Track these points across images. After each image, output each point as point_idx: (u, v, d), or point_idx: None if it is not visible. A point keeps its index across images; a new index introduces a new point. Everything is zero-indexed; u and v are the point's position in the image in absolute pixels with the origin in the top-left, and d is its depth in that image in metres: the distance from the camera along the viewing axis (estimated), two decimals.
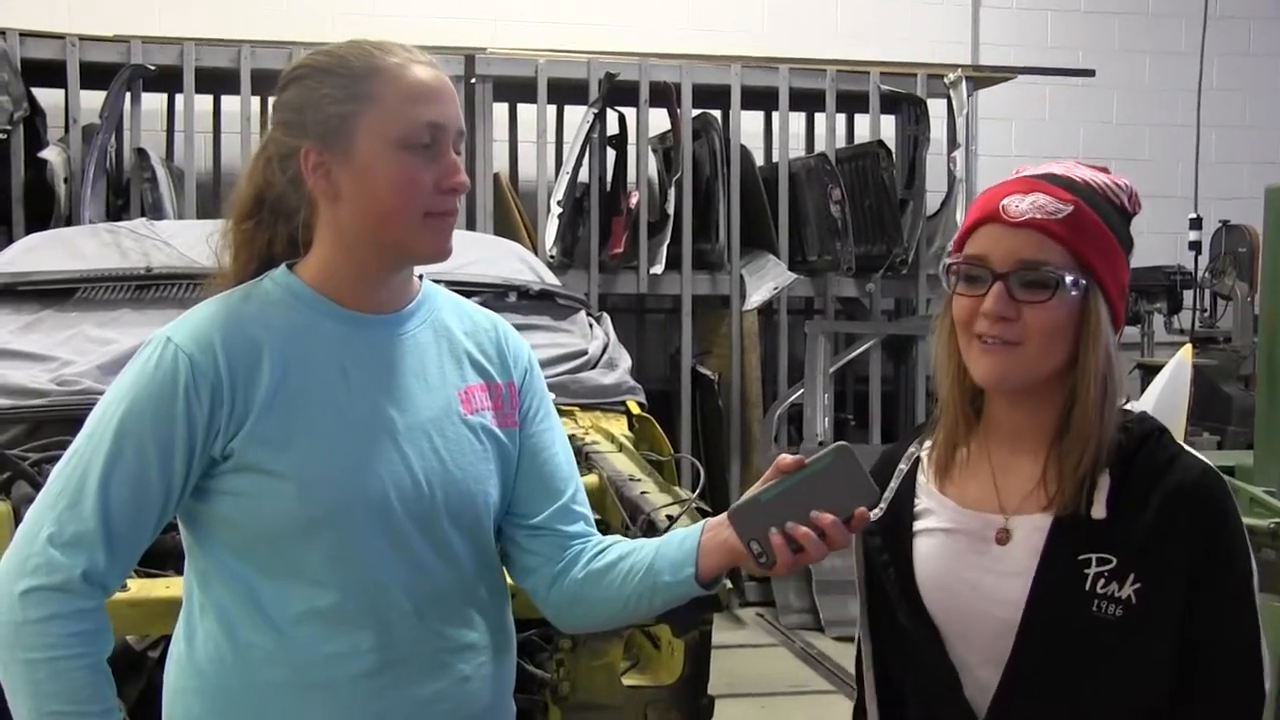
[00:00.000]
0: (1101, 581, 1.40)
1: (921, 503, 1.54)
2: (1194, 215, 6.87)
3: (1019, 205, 1.43)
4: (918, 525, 1.53)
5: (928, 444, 1.57)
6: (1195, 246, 6.85)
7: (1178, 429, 3.63)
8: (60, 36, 5.85)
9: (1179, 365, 3.75)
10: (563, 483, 1.61)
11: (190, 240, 3.56)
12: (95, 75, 5.82)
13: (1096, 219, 1.45)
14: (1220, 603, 1.43)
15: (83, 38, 5.87)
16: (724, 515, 1.47)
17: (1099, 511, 1.42)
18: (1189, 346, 4.12)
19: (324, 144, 1.46)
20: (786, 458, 1.43)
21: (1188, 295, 7.13)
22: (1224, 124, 7.92)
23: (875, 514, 1.56)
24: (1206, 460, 1.47)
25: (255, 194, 1.53)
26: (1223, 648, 1.43)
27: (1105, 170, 1.52)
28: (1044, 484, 1.46)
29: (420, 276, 1.60)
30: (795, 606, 5.88)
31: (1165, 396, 3.63)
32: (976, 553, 1.48)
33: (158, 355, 1.44)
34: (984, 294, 1.43)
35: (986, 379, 1.46)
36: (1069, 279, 1.41)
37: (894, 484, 1.57)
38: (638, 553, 1.54)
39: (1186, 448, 1.49)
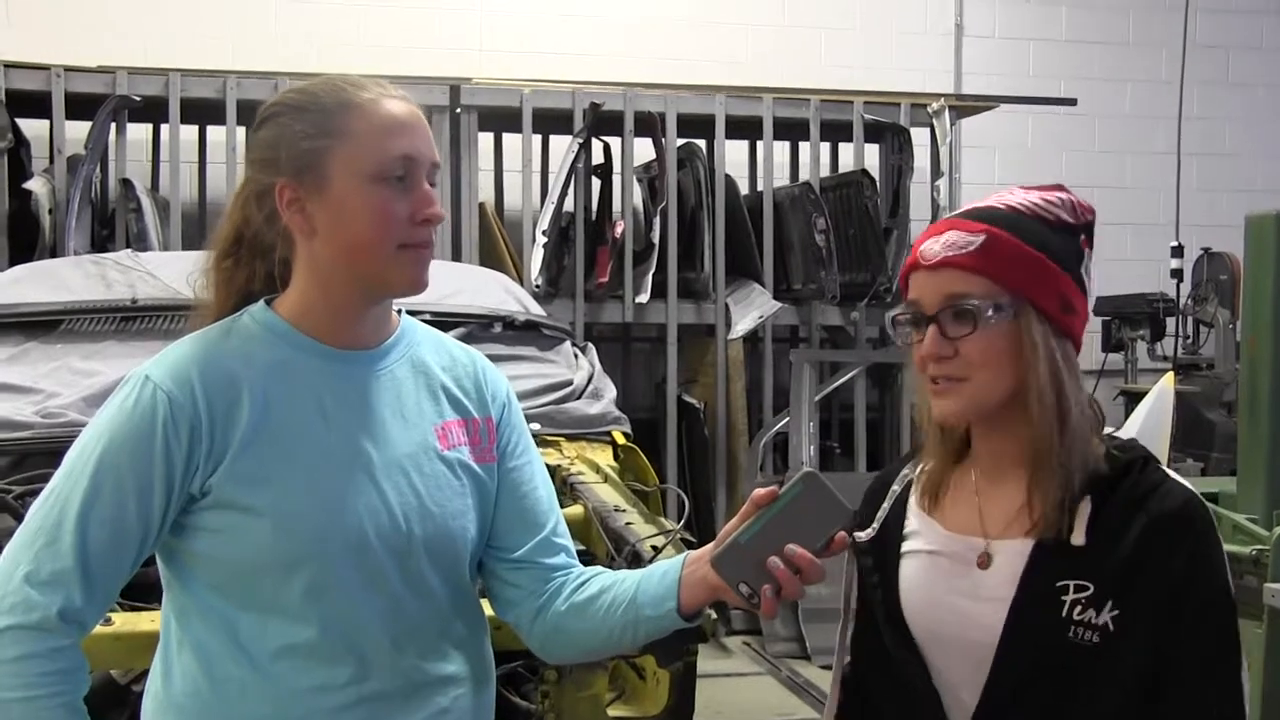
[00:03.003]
0: (1079, 608, 1.42)
1: (910, 524, 1.57)
2: (1176, 243, 6.92)
3: (933, 248, 1.49)
4: (905, 546, 1.55)
5: (920, 467, 1.59)
6: (1177, 274, 6.90)
7: (1161, 455, 3.64)
8: (45, 67, 5.85)
9: (1162, 392, 3.77)
10: (543, 516, 1.62)
11: (176, 272, 3.55)
12: (80, 106, 5.82)
13: (1013, 241, 1.46)
14: (1193, 631, 1.43)
15: (68, 68, 5.87)
16: (705, 549, 1.49)
17: (1078, 538, 1.44)
18: (1171, 373, 4.15)
19: (298, 180, 1.47)
20: (760, 491, 1.45)
21: (1170, 322, 7.17)
22: (1204, 152, 8.00)
23: (868, 534, 1.58)
24: (1192, 488, 1.48)
25: (234, 232, 1.54)
26: (1197, 674, 1.43)
27: (1057, 188, 1.53)
28: (1028, 509, 1.47)
29: (399, 311, 1.60)
30: (782, 635, 5.87)
31: (1148, 423, 3.65)
32: (959, 576, 1.50)
33: (136, 393, 1.45)
34: (924, 337, 1.48)
35: (942, 418, 1.50)
36: (989, 308, 1.44)
37: (886, 505, 1.59)
38: (619, 585, 1.55)
39: (1173, 474, 1.50)
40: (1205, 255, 7.24)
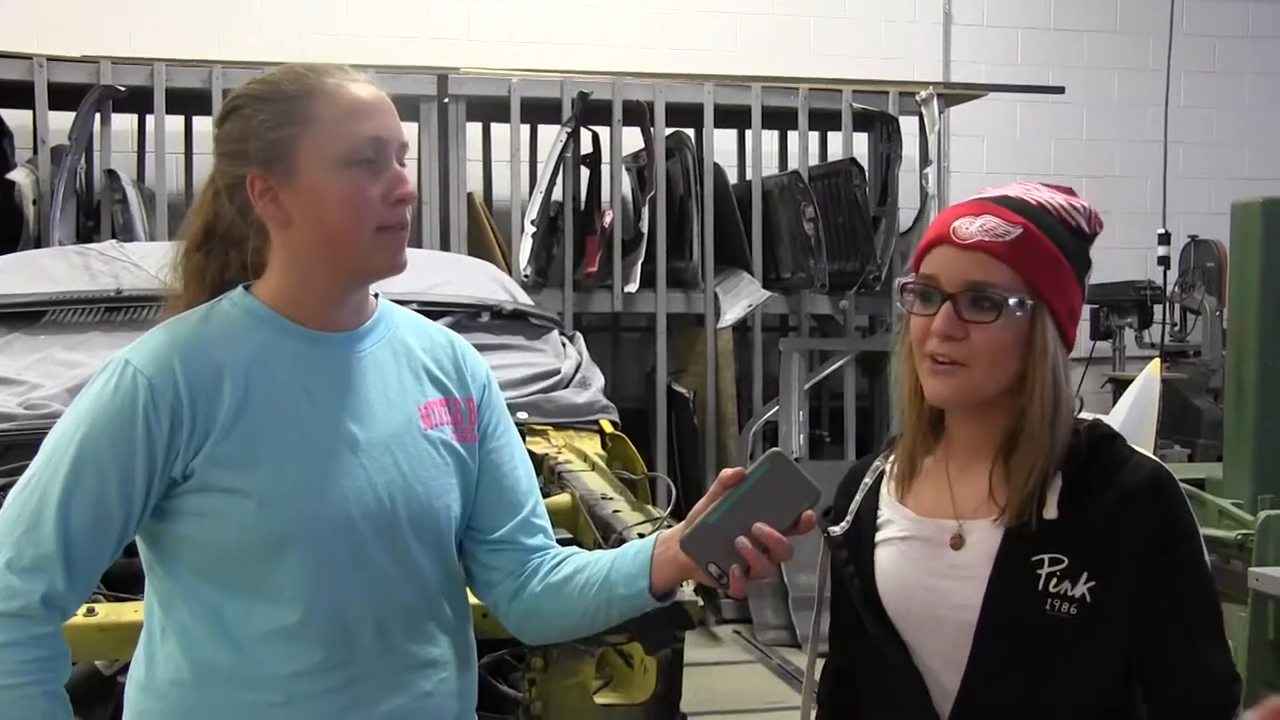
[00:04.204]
0: (1054, 581, 1.43)
1: (883, 514, 1.58)
2: (1162, 230, 6.93)
3: (969, 228, 1.47)
4: (879, 535, 1.57)
5: (891, 458, 1.60)
6: (1164, 261, 6.91)
7: (1147, 442, 3.66)
8: (28, 57, 5.82)
9: (1148, 379, 3.79)
10: (523, 497, 1.62)
11: (160, 262, 3.52)
12: (64, 96, 5.79)
13: (1046, 241, 1.47)
14: (1178, 594, 1.45)
15: (51, 58, 5.84)
16: (676, 529, 1.50)
17: (1050, 512, 1.45)
18: (1158, 360, 4.17)
19: (268, 170, 1.46)
20: (728, 471, 1.46)
21: (1157, 310, 7.19)
22: (1191, 140, 8.01)
23: (841, 528, 1.59)
24: (1159, 461, 1.51)
25: (204, 226, 1.55)
26: (1189, 634, 1.46)
27: (1069, 191, 1.54)
28: (995, 491, 1.49)
29: (376, 295, 1.60)
30: (772, 623, 5.88)
31: (1135, 410, 3.66)
32: (932, 558, 1.51)
33: (116, 378, 1.44)
34: (935, 313, 1.47)
35: (935, 398, 1.50)
36: (1013, 300, 1.44)
37: (858, 497, 1.60)
38: (593, 566, 1.56)
39: (1139, 449, 1.52)
40: (1192, 243, 7.25)
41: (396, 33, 7.05)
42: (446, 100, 6.25)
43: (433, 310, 3.44)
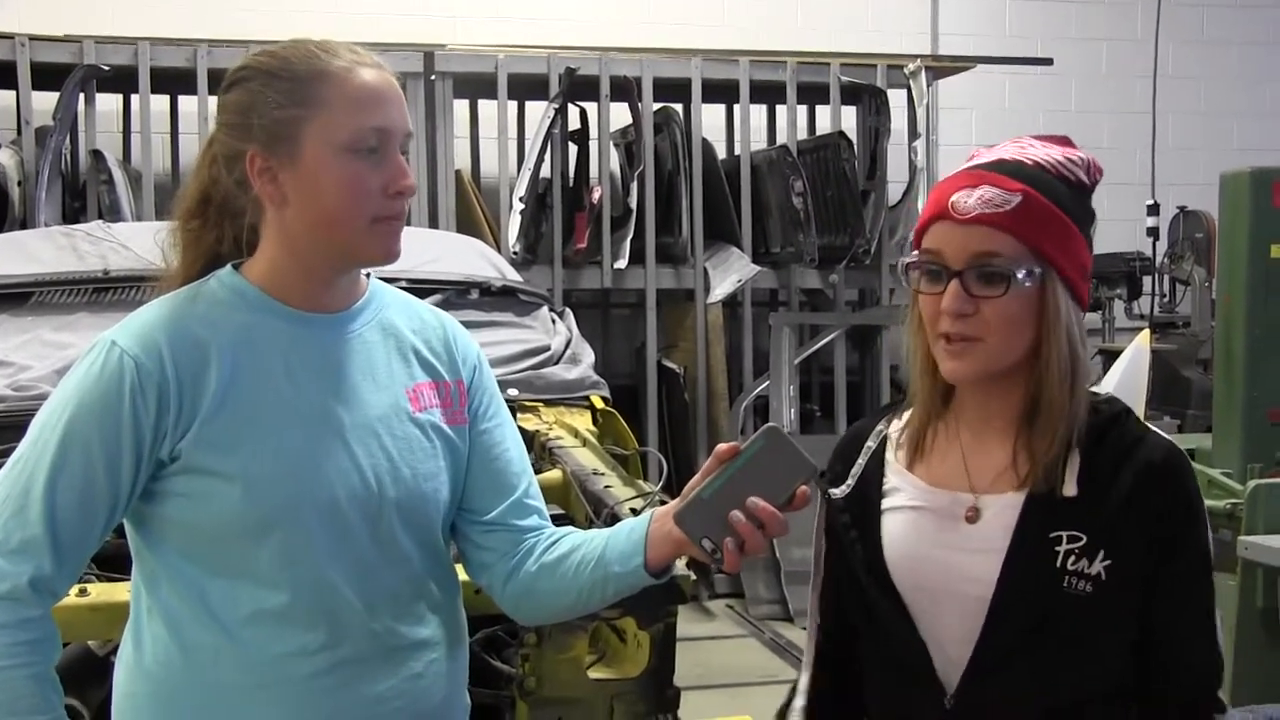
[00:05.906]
0: (1072, 559, 1.42)
1: (890, 481, 1.54)
2: (1152, 201, 6.94)
3: (966, 201, 1.43)
4: (886, 503, 1.53)
5: (896, 423, 1.58)
6: (1153, 232, 6.92)
7: (1137, 413, 3.67)
8: (9, 36, 5.77)
9: (1137, 350, 3.80)
10: (515, 478, 1.61)
11: (148, 242, 3.49)
12: (47, 76, 5.75)
13: (1047, 204, 1.44)
14: (1180, 578, 1.46)
15: (33, 37, 5.80)
16: (671, 505, 1.49)
17: (1070, 489, 1.44)
18: (1147, 331, 4.17)
19: (269, 149, 1.45)
20: (723, 446, 1.45)
21: (1147, 281, 7.20)
22: (1180, 110, 8.01)
23: (843, 491, 1.56)
24: (1170, 439, 1.50)
25: (201, 193, 1.53)
26: (1184, 621, 1.46)
27: (1065, 141, 1.50)
28: (1015, 465, 1.47)
29: (368, 275, 1.59)
30: (765, 597, 5.90)
31: (1124, 381, 3.67)
32: (945, 530, 1.48)
33: (103, 359, 1.43)
34: (943, 291, 1.44)
35: (953, 376, 1.47)
36: (1021, 272, 1.41)
37: (861, 461, 1.57)
38: (588, 544, 1.55)
39: (1152, 428, 1.51)
40: (1181, 214, 7.26)
41: (382, 9, 7.00)
42: (433, 77, 6.22)
43: (421, 287, 3.43)
